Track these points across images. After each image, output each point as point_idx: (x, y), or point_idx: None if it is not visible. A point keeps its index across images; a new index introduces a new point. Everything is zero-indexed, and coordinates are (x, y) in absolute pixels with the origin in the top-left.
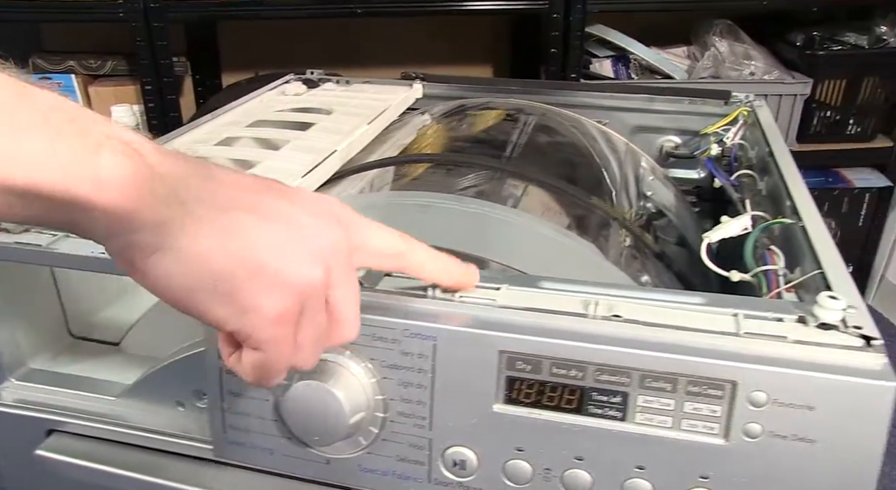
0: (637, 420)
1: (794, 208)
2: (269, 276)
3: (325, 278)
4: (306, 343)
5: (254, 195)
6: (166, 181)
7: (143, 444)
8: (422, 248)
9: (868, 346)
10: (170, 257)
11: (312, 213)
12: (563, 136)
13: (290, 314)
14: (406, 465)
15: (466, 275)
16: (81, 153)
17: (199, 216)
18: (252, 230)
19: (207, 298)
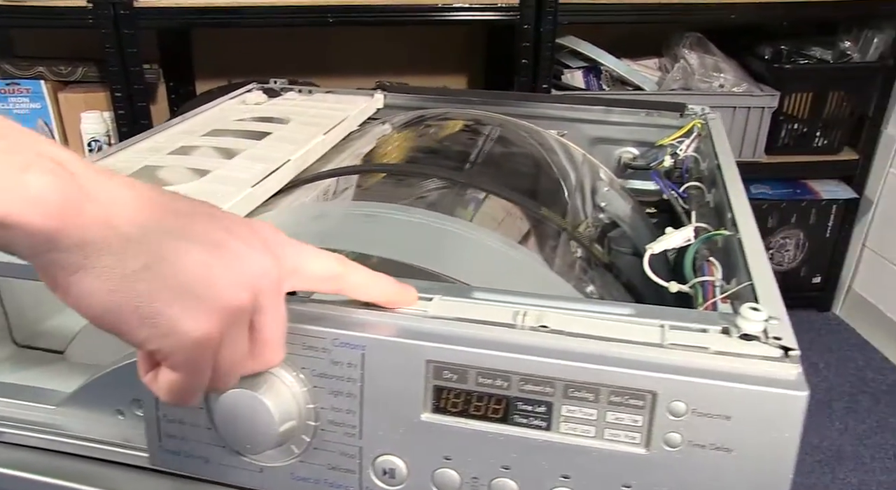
0: (561, 430)
1: (734, 220)
2: (193, 300)
3: (249, 303)
4: (225, 366)
5: (184, 219)
6: (96, 202)
7: (82, 454)
8: (359, 271)
9: (786, 356)
10: (93, 276)
11: (242, 238)
12: (521, 147)
13: (211, 338)
14: (337, 474)
15: (402, 294)
16: (9, 172)
17: (126, 237)
18: (180, 254)
19: (129, 319)
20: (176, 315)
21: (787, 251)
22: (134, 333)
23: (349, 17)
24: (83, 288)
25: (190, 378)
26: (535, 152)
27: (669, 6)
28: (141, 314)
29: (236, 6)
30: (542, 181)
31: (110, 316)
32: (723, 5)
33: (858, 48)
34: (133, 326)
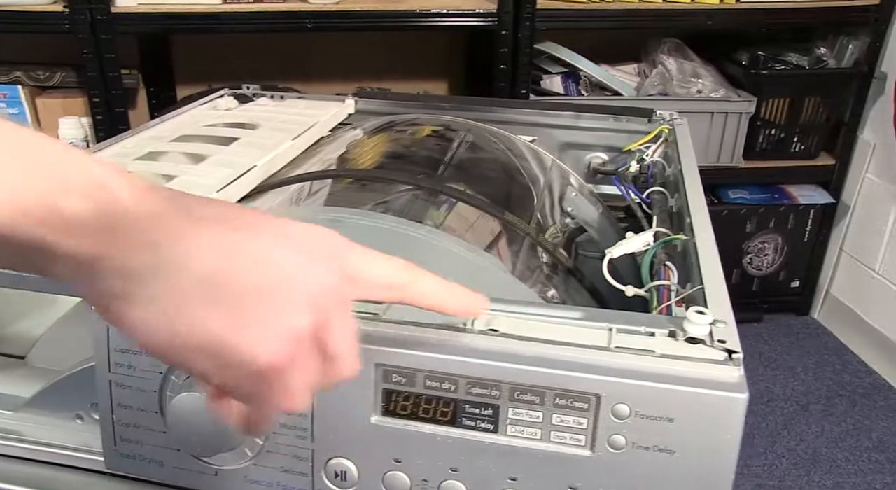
0: (508, 432)
1: (692, 225)
2: (254, 328)
3: (314, 324)
4: (297, 389)
5: (234, 234)
6: (141, 223)
7: (39, 459)
8: (427, 278)
9: (730, 359)
10: (149, 309)
11: (300, 249)
12: (490, 152)
13: (276, 367)
14: (290, 477)
15: (473, 303)
16: (49, 197)
17: (177, 264)
18: (236, 280)
19: (189, 352)
20: (237, 345)
21: (766, 256)
22: (194, 367)
23: (327, 23)
24: (136, 319)
25: (259, 408)
26: (504, 158)
27: (647, 12)
28: (200, 345)
29: (215, 12)
30: (512, 186)
31: (168, 349)
32: (700, 11)
33: (834, 54)
34: (192, 359)
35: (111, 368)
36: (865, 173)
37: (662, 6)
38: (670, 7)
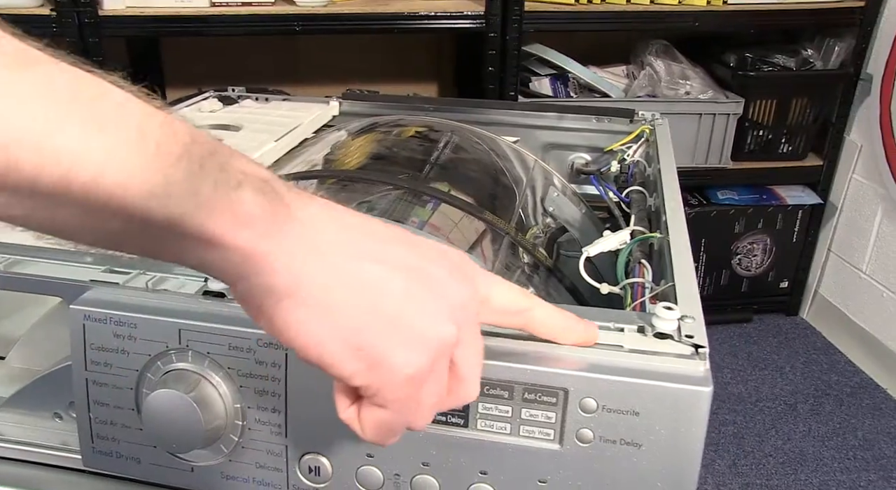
0: (479, 427)
1: (667, 224)
2: (403, 333)
3: (455, 336)
4: (426, 403)
5: (382, 245)
6: (303, 223)
7: (17, 458)
8: (543, 306)
9: (696, 353)
10: (301, 305)
11: (440, 265)
12: (473, 153)
13: (423, 373)
14: (265, 472)
15: (588, 333)
16: (223, 189)
17: (332, 264)
18: (385, 282)
19: (337, 351)
20: (387, 348)
21: (755, 256)
22: (341, 367)
23: (316, 25)
24: (290, 317)
25: (398, 415)
26: (487, 158)
27: (635, 14)
28: (350, 346)
29: (203, 15)
30: (494, 187)
31: (317, 347)
32: (687, 13)
33: (820, 56)
34: (341, 359)
35: (87, 366)
36: (852, 174)
37: (650, 8)
38: (658, 9)
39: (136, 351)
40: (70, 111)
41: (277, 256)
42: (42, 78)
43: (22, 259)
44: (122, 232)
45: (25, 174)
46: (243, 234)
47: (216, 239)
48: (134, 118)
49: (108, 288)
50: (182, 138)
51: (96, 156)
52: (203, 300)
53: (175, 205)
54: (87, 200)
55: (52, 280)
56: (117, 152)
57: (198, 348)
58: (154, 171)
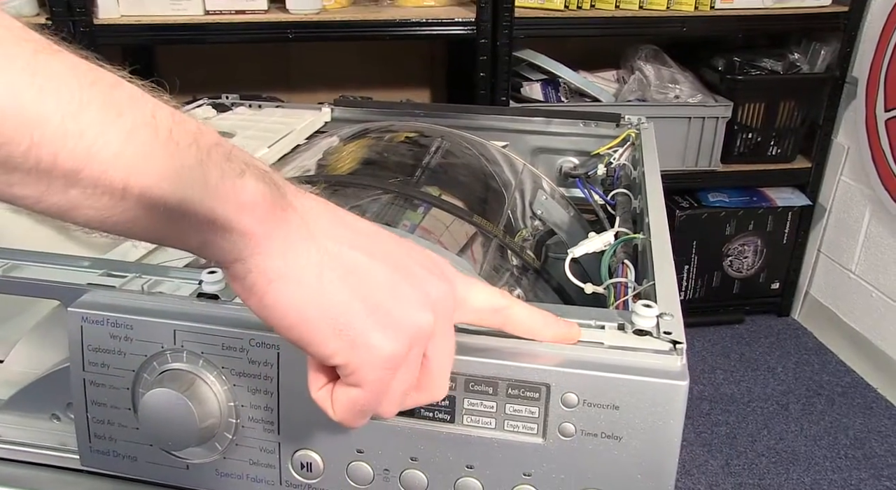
0: (464, 422)
1: (649, 225)
2: (385, 316)
3: (432, 326)
4: (396, 391)
5: (370, 239)
6: (299, 212)
7: (16, 458)
8: (521, 305)
9: (674, 349)
10: (293, 285)
11: (421, 263)
12: (463, 158)
13: (399, 357)
14: (258, 469)
15: (567, 330)
16: (229, 175)
17: (325, 249)
18: (371, 270)
19: (322, 330)
20: (369, 329)
21: (746, 258)
22: (324, 345)
23: (308, 33)
24: (280, 296)
25: (371, 395)
26: (477, 163)
27: (623, 19)
28: (335, 325)
29: (197, 23)
30: (484, 190)
31: (303, 326)
32: (675, 18)
33: (807, 60)
34: (324, 337)
35: (85, 367)
36: (840, 176)
37: (639, 13)
38: (646, 14)
39: (133, 352)
40: (92, 95)
41: (274, 240)
42: (68, 63)
43: (20, 263)
44: (130, 213)
45: (45, 152)
46: (245, 218)
47: (220, 222)
48: (148, 107)
49: (105, 291)
50: (190, 128)
51: (115, 138)
52: (197, 302)
53: (185, 188)
54: (103, 181)
55: (51, 284)
56: (135, 136)
57: (192, 349)
58: (167, 156)
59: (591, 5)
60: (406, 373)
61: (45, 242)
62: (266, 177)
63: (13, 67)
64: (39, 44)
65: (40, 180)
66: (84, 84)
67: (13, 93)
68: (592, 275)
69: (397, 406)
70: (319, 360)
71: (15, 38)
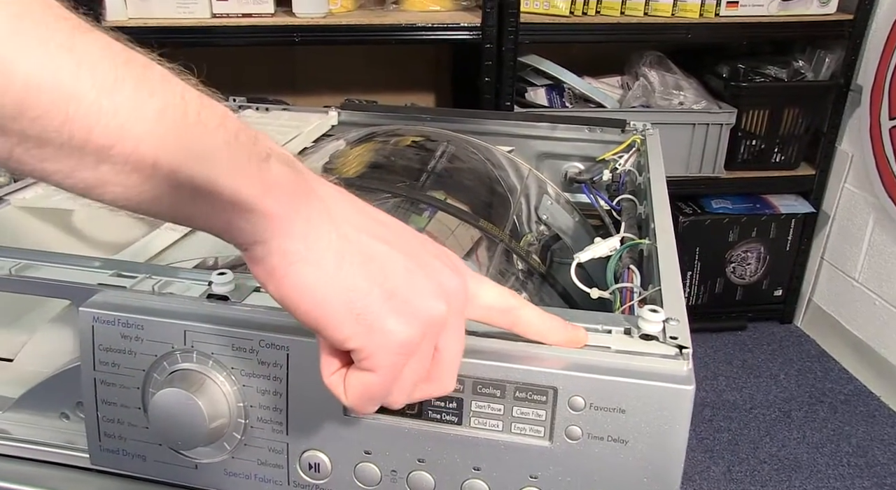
0: (472, 424)
1: (655, 230)
2: (401, 303)
3: (445, 316)
4: (409, 379)
5: (388, 229)
6: (321, 197)
7: (26, 456)
8: (530, 307)
9: (681, 354)
10: (312, 267)
11: (437, 257)
12: (469, 162)
13: (414, 344)
14: (267, 469)
15: (572, 334)
16: (255, 158)
17: (345, 235)
18: (389, 258)
19: (339, 313)
20: (385, 314)
21: (749, 265)
22: (340, 329)
23: (315, 36)
24: (300, 279)
25: (384, 381)
26: (482, 167)
27: (628, 26)
28: (352, 309)
29: (204, 26)
30: (489, 195)
31: (320, 309)
32: (680, 25)
33: (812, 67)
34: (341, 321)
35: (96, 367)
36: (844, 183)
37: (643, 20)
38: (651, 21)
39: (143, 352)
40: (126, 73)
41: (296, 222)
42: (102, 42)
43: (32, 263)
44: (157, 191)
45: (79, 126)
46: (269, 199)
47: (246, 202)
48: (178, 88)
49: (116, 291)
50: (218, 111)
51: (147, 115)
52: (207, 303)
53: (212, 168)
54: (133, 157)
55: (62, 283)
56: (165, 115)
57: (202, 349)
58: (197, 136)
59: (596, 11)
60: (418, 361)
61: (55, 242)
62: (290, 161)
63: (51, 43)
64: (75, 22)
65: (72, 155)
66: (118, 62)
67: (52, 68)
68: (597, 279)
69: (407, 395)
70: (334, 345)
71: (54, 15)
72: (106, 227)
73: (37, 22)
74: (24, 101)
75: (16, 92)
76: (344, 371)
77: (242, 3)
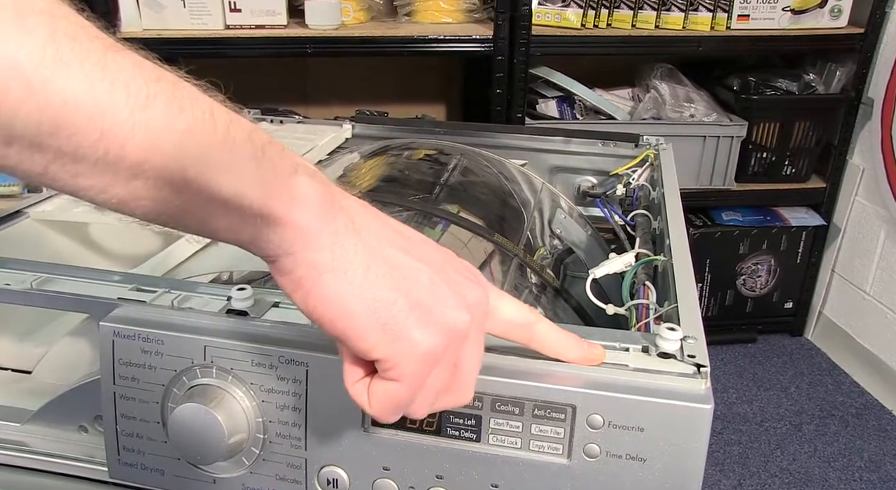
0: (490, 441)
1: (670, 247)
2: (426, 313)
3: (468, 327)
4: (433, 389)
5: (411, 242)
6: (346, 210)
7: (45, 469)
8: (548, 324)
9: (698, 372)
10: (339, 279)
11: (459, 270)
12: (482, 175)
13: (437, 354)
14: (285, 484)
15: (592, 352)
16: (282, 172)
17: (370, 246)
18: (413, 269)
19: (364, 323)
20: (411, 324)
21: (759, 277)
22: (365, 338)
23: (327, 48)
24: (327, 290)
25: (408, 390)
26: (496, 181)
27: (639, 38)
28: (377, 319)
29: (218, 37)
30: (503, 209)
31: (347, 319)
32: (691, 38)
33: (822, 80)
34: (366, 331)
35: (116, 381)
36: (855, 196)
37: (654, 33)
38: (662, 34)
39: (163, 366)
40: (157, 90)
41: (323, 234)
42: (134, 60)
43: (52, 277)
44: (188, 204)
45: (114, 142)
46: (298, 212)
47: (274, 215)
48: (206, 104)
49: (136, 306)
50: (245, 126)
51: (179, 130)
52: (227, 318)
53: (242, 182)
54: (165, 173)
55: (82, 298)
56: (195, 130)
57: (222, 364)
58: (227, 151)
59: (607, 24)
60: (441, 371)
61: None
62: (316, 174)
63: (87, 62)
64: (108, 41)
65: (106, 171)
66: (150, 79)
67: (87, 85)
68: (611, 294)
69: (429, 405)
70: (359, 354)
71: (87, 35)
72: (124, 239)
73: (72, 41)
74: (60, 117)
75: (53, 109)
76: (367, 380)
77: (256, 14)
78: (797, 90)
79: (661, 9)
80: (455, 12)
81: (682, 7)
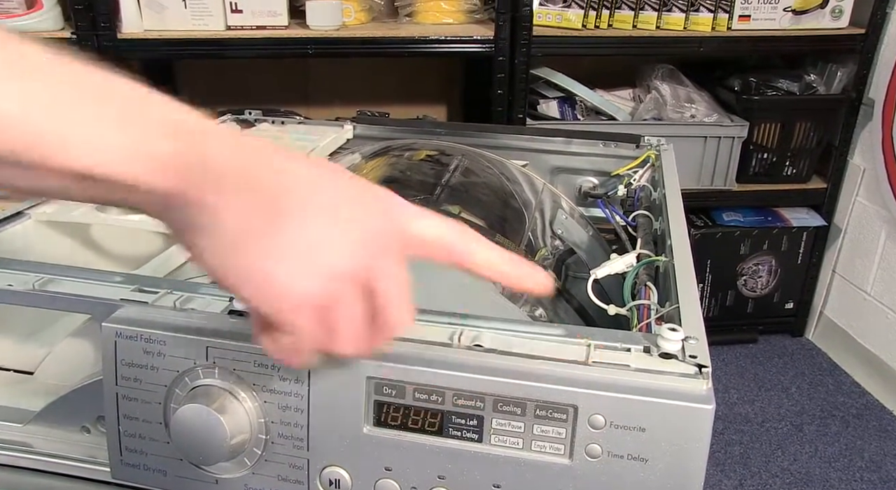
0: (492, 442)
1: (672, 247)
2: (299, 262)
3: (358, 269)
4: (342, 329)
5: (299, 187)
6: (218, 165)
7: (47, 469)
8: (479, 240)
9: (700, 373)
10: (210, 235)
11: (356, 200)
12: (483, 176)
13: (309, 299)
14: (287, 485)
15: (532, 277)
16: (139, 138)
17: (243, 201)
18: (291, 218)
19: (238, 276)
20: (279, 275)
21: (760, 277)
22: (240, 291)
23: (328, 48)
24: (202, 246)
25: (299, 336)
26: (497, 182)
27: (639, 39)
28: (248, 273)
29: (219, 38)
30: (504, 209)
31: (223, 273)
32: (692, 39)
33: (823, 81)
34: (241, 285)
35: (118, 382)
36: (856, 197)
37: (655, 33)
38: (663, 34)
39: (165, 367)
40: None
41: (190, 194)
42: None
43: (54, 278)
44: (85, 188)
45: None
46: (156, 178)
47: (134, 184)
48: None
49: (138, 306)
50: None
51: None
52: (229, 319)
53: (95, 157)
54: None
55: (84, 299)
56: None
57: (224, 365)
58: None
59: (608, 25)
60: (345, 312)
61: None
62: (179, 133)
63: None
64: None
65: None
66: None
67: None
68: (612, 295)
69: (350, 343)
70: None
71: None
72: (126, 240)
73: None
74: None
75: None
76: (272, 332)
77: (257, 15)
78: (798, 91)
79: (662, 9)
80: (456, 13)
81: (683, 8)
